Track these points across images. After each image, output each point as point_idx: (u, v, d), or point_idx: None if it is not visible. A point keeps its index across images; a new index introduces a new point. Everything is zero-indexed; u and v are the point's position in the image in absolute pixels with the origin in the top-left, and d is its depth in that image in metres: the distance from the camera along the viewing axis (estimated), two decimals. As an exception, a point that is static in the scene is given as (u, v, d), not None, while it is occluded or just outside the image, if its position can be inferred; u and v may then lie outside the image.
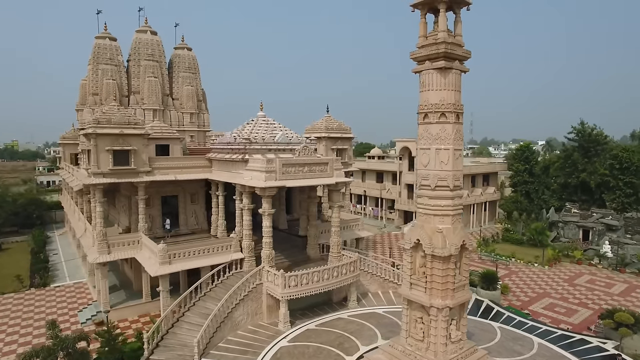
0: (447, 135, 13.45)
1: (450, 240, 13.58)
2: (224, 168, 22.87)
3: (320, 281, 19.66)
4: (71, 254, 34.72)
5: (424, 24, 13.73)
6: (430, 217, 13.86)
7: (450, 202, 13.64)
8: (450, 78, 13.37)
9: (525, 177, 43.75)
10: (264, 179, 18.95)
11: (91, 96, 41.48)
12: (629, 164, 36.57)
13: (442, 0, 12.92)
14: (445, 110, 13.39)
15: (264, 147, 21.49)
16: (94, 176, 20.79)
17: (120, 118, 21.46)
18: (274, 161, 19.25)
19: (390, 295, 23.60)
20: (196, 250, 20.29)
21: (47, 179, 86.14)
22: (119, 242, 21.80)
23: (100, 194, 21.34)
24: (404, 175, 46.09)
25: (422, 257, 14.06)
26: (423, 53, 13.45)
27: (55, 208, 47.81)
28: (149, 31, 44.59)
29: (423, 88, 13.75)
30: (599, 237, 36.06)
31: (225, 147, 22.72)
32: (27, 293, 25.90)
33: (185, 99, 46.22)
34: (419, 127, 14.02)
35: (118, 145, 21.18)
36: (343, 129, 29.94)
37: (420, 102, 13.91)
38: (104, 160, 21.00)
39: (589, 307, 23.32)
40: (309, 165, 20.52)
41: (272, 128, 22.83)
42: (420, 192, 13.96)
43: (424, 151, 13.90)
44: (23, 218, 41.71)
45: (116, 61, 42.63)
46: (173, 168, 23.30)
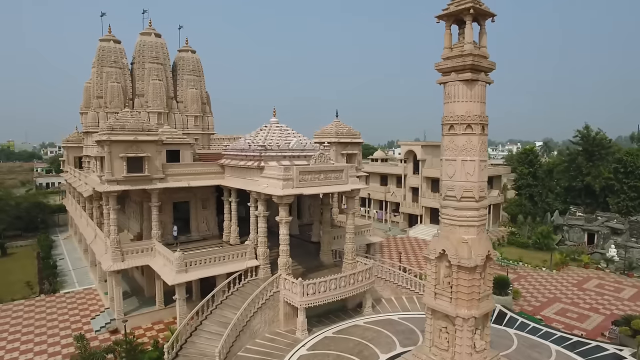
0: (473, 147, 13.51)
1: (475, 251, 13.63)
2: (237, 174, 22.81)
3: (337, 289, 19.69)
4: (78, 258, 34.52)
5: (449, 35, 13.76)
6: (455, 228, 13.91)
7: (476, 213, 13.71)
8: (476, 90, 13.42)
9: (529, 180, 43.97)
10: (281, 187, 18.93)
11: (95, 99, 41.25)
12: (633, 167, 36.87)
13: (468, 13, 12.96)
14: (471, 122, 13.44)
15: (279, 154, 21.47)
16: (108, 183, 20.66)
17: (134, 124, 21.35)
18: (291, 169, 19.23)
19: (403, 301, 23.65)
20: (212, 258, 20.23)
21: (47, 181, 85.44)
22: (133, 250, 21.68)
23: (114, 201, 21.22)
24: (408, 178, 46.19)
25: (447, 267, 14.10)
26: (449, 65, 13.49)
27: (58, 211, 47.50)
28: (153, 34, 44.36)
29: (448, 99, 13.79)
30: (604, 240, 36.33)
31: (238, 153, 22.67)
32: (37, 300, 25.72)
33: (190, 102, 46.04)
34: (444, 138, 14.06)
35: (132, 152, 21.06)
36: (353, 134, 29.97)
37: (445, 113, 13.96)
38: (117, 167, 20.87)
39: (601, 313, 23.49)
40: (324, 173, 20.53)
41: (285, 135, 22.80)
42: (445, 202, 14.01)
43: (449, 162, 13.96)
44: (26, 222, 41.39)
45: (120, 64, 42.40)
46: (186, 174, 23.22)
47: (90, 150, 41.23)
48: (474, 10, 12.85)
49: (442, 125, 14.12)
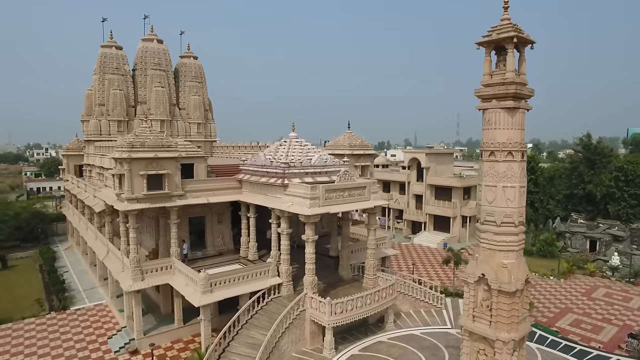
0: (514, 174, 13.68)
1: (515, 275, 13.79)
2: (257, 190, 22.63)
3: (363, 306, 19.72)
4: (83, 271, 33.81)
5: (489, 61, 13.89)
6: (494, 253, 14.05)
7: (515, 238, 13.87)
8: (517, 117, 13.58)
9: (530, 187, 44.62)
10: (308, 206, 18.88)
11: (97, 107, 40.55)
12: (634, 176, 37.78)
13: (511, 41, 13.09)
14: (512, 149, 13.60)
15: (301, 171, 21.38)
16: (128, 202, 20.29)
17: (154, 141, 21.01)
18: (317, 188, 19.18)
19: (422, 315, 23.82)
20: (237, 277, 20.04)
21: (38, 186, 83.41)
22: (152, 268, 21.34)
23: (134, 219, 20.86)
24: (412, 185, 46.49)
25: (486, 291, 14.25)
26: (490, 92, 13.61)
27: (57, 220, 46.47)
28: (155, 40, 43.77)
29: (489, 126, 13.92)
30: (606, 247, 37.15)
31: (258, 169, 22.49)
32: (48, 318, 25.12)
33: (192, 109, 45.57)
34: (484, 164, 14.19)
35: (152, 169, 20.72)
36: (365, 146, 30.00)
37: (484, 139, 14.09)
38: (137, 184, 20.51)
39: (613, 324, 24.00)
40: (348, 190, 20.55)
41: (306, 150, 22.72)
42: (485, 227, 14.14)
43: (489, 188, 14.09)
44: (26, 232, 40.38)
45: (122, 71, 41.76)
46: (205, 190, 22.94)
47: (92, 158, 40.50)
48: (517, 39, 12.99)
49: (481, 150, 14.26)
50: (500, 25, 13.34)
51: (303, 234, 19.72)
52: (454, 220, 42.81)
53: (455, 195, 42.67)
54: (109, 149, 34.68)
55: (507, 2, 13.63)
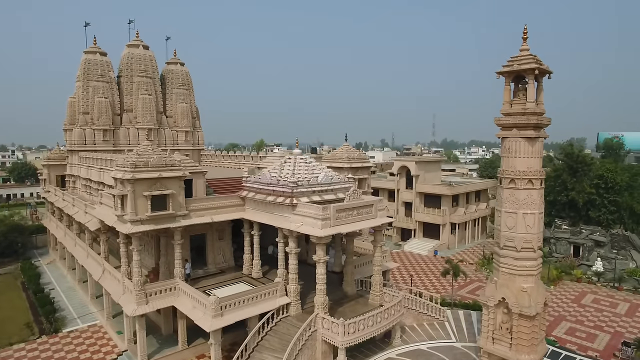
0: (534, 201, 14.06)
1: (534, 299, 14.19)
2: (262, 209, 22.34)
3: (374, 325, 19.79)
4: (70, 288, 32.43)
5: (509, 90, 14.22)
6: (514, 277, 14.42)
7: (535, 263, 14.28)
8: (537, 146, 13.97)
9: (515, 193, 46.00)
10: (320, 227, 18.79)
11: (82, 115, 39.04)
12: (613, 183, 39.57)
13: (531, 72, 13.45)
14: (532, 178, 13.98)
15: (308, 190, 21.23)
16: (132, 224, 19.59)
17: (158, 160, 20.36)
18: (329, 208, 19.12)
19: (426, 328, 24.14)
20: (246, 299, 19.71)
21: (8, 192, 79.29)
22: (156, 291, 20.71)
23: (137, 241, 20.16)
24: (401, 193, 47.04)
25: (505, 314, 14.60)
26: (510, 121, 13.94)
27: (36, 232, 44.38)
28: (141, 45, 42.56)
29: (508, 154, 14.25)
30: (589, 252, 38.77)
31: (264, 187, 22.18)
32: (39, 342, 23.93)
33: (180, 117, 44.53)
34: (503, 191, 14.52)
35: (156, 189, 20.08)
36: (363, 158, 30.14)
37: (503, 167, 14.41)
38: (141, 205, 19.84)
39: (605, 331, 25.07)
40: (357, 209, 20.60)
41: (311, 168, 22.58)
42: (505, 252, 14.48)
43: (509, 214, 14.43)
44: (3, 247, 38.35)
45: (107, 77, 40.36)
46: (208, 209, 22.44)
47: (76, 169, 38.92)
48: (538, 71, 13.35)
49: (500, 177, 14.57)
50: (521, 56, 13.68)
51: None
52: (444, 228, 43.62)
53: (445, 202, 43.47)
54: (97, 161, 33.46)
55: (526, 32, 13.96)
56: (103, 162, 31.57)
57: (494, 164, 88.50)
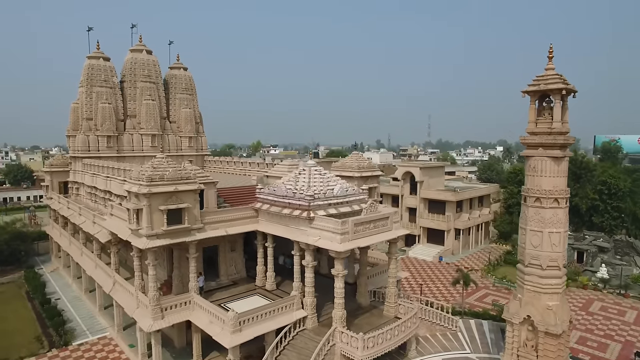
0: (559, 220, 14.11)
1: (560, 317, 14.25)
2: (277, 221, 22.22)
3: (392, 338, 19.79)
4: (76, 298, 32.07)
5: (534, 109, 14.26)
6: (539, 295, 14.47)
7: (560, 281, 14.34)
8: (563, 165, 14.01)
9: (518, 199, 46.24)
10: (339, 241, 18.75)
11: (85, 121, 38.66)
12: (616, 189, 39.95)
13: (557, 92, 13.49)
14: (558, 197, 14.03)
15: (324, 202, 21.15)
16: (148, 238, 19.39)
17: (173, 173, 20.16)
18: (347, 222, 19.07)
19: (440, 339, 24.19)
20: (264, 313, 19.61)
21: (3, 196, 78.19)
22: (171, 305, 20.52)
23: (153, 256, 19.96)
24: (405, 198, 47.11)
25: (530, 331, 14.65)
26: (536, 140, 13.97)
27: (37, 239, 43.83)
28: (144, 50, 42.23)
29: (534, 173, 14.29)
30: (592, 258, 39.09)
31: (279, 199, 22.06)
32: (50, 357, 23.61)
33: (184, 122, 44.23)
34: (529, 209, 14.56)
35: (172, 203, 19.89)
36: (372, 167, 30.05)
37: (528, 185, 14.45)
38: (157, 220, 19.64)
39: (616, 340, 25.27)
40: (374, 222, 20.58)
41: (326, 180, 22.50)
42: (529, 270, 14.52)
43: (534, 233, 14.47)
44: (6, 255, 37.82)
45: (111, 83, 39.99)
46: (223, 221, 22.29)
47: (80, 176, 38.49)
48: (565, 91, 13.39)
49: (524, 195, 14.61)
50: (547, 76, 13.72)
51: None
52: (448, 233, 43.75)
53: (449, 208, 43.60)
54: (103, 169, 33.11)
55: (552, 51, 14.01)
56: (110, 170, 31.25)
57: (492, 166, 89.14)
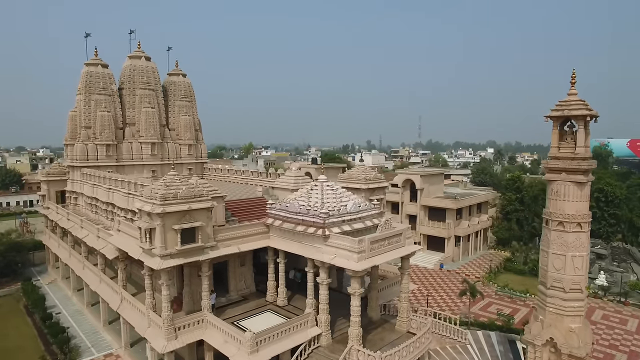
0: (582, 244, 14.29)
1: (582, 340, 14.43)
2: (290, 238, 22.08)
3: (407, 355, 19.79)
4: (77, 312, 31.48)
5: (557, 134, 14.40)
6: (562, 317, 14.63)
7: (583, 304, 14.52)
8: (586, 190, 14.19)
9: (517, 205, 46.93)
10: (356, 260, 18.72)
11: (83, 130, 37.99)
12: (613, 197, 40.70)
13: (581, 119, 13.66)
14: (581, 221, 14.20)
15: (338, 219, 21.08)
16: (162, 258, 19.11)
17: (186, 192, 19.88)
18: (364, 240, 19.04)
19: (450, 352, 24.33)
20: (281, 332, 19.47)
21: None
22: (185, 324, 20.24)
23: (166, 276, 19.67)
24: (405, 205, 47.31)
25: (552, 352, 14.81)
26: (559, 165, 14.12)
27: (33, 249, 42.88)
28: (143, 57, 41.68)
29: (556, 197, 14.44)
30: (591, 265, 39.79)
31: (292, 216, 21.92)
32: (56, 376, 23.16)
33: (183, 130, 43.74)
34: (551, 232, 14.71)
35: (185, 221, 19.62)
36: (379, 179, 30.07)
37: (551, 208, 14.60)
38: (171, 239, 19.35)
39: (620, 350, 25.75)
40: (388, 239, 20.59)
41: (339, 195, 22.46)
42: (552, 292, 14.68)
43: (557, 256, 14.63)
44: (2, 267, 36.92)
45: (110, 90, 39.36)
46: (235, 238, 22.08)
47: (78, 186, 37.73)
48: (590, 118, 13.57)
49: (546, 218, 14.76)
50: (570, 101, 13.87)
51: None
52: (448, 241, 44.07)
53: (449, 215, 43.93)
54: (104, 180, 32.47)
55: (574, 76, 14.16)
56: (112, 182, 30.68)
57: (485, 170, 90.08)
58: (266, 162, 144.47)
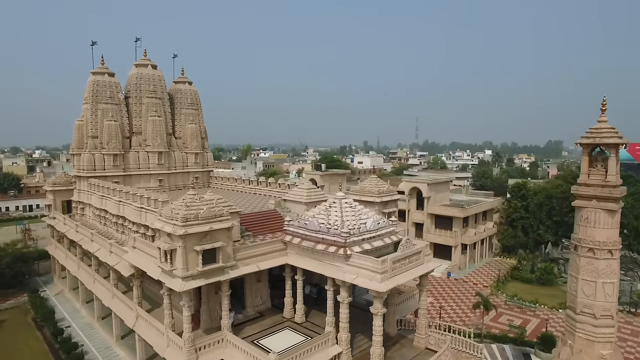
0: (613, 271, 14.36)
1: (612, 366, 14.52)
2: (310, 256, 22.01)
3: (429, 375, 19.81)
4: (87, 325, 31.19)
5: (587, 161, 14.45)
6: (592, 344, 14.69)
7: (613, 330, 14.59)
8: (617, 217, 14.25)
9: (522, 213, 47.17)
10: (379, 280, 18.68)
11: (90, 139, 37.69)
12: (618, 206, 41.00)
13: (613, 147, 13.70)
14: (612, 248, 14.26)
15: (359, 238, 21.04)
16: (184, 280, 18.95)
17: (208, 212, 19.74)
18: (387, 260, 19.03)
19: (466, 368, 24.33)
20: (303, 352, 19.40)
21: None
22: (205, 345, 20.11)
23: (188, 297, 19.52)
24: (411, 214, 47.37)
25: (582, 379, 14.89)
26: (590, 192, 14.18)
27: (38, 258, 42.44)
28: (149, 65, 41.38)
29: (587, 224, 14.49)
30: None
31: (312, 234, 21.84)
32: (73, 396, 22.93)
33: (190, 139, 43.46)
34: (581, 259, 14.77)
35: (207, 242, 19.48)
36: (391, 191, 30.07)
37: (580, 235, 14.65)
38: (192, 260, 19.20)
39: (634, 363, 25.94)
40: (409, 257, 20.59)
41: (358, 213, 22.41)
42: (582, 318, 14.74)
43: (587, 282, 14.69)
44: (8, 278, 36.49)
45: (116, 99, 39.05)
46: (254, 256, 21.96)
47: (85, 196, 37.36)
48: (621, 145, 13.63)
49: (575, 245, 14.81)
50: (601, 129, 13.92)
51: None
52: (455, 249, 44.20)
53: (456, 224, 44.04)
54: (113, 192, 32.15)
55: (605, 104, 14.22)
56: (123, 195, 30.39)
57: (485, 173, 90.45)
58: (265, 164, 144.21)
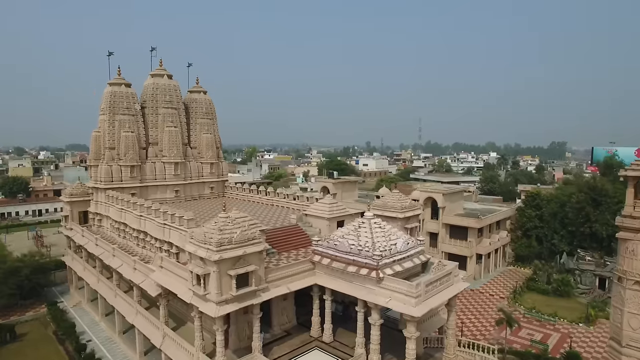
0: (660, 304, 14.35)
1: (658, 399, 14.50)
2: (339, 277, 21.99)
3: (462, 399, 19.79)
4: (108, 339, 31.20)
5: (632, 193, 14.42)
6: (638, 376, 14.69)
7: (658, 363, 14.59)
8: (664, 251, 14.23)
9: (536, 222, 47.11)
10: (413, 304, 18.70)
11: (108, 151, 37.74)
12: (635, 217, 40.96)
13: (661, 181, 13.69)
14: (659, 282, 14.24)
15: (390, 260, 21.01)
16: (219, 305, 18.94)
17: (241, 236, 19.70)
18: (420, 284, 19.03)
19: (491, 386, 24.30)
20: (336, 377, 19.38)
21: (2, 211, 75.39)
22: (237, 367, 20.13)
23: (222, 322, 19.49)
24: (426, 223, 47.30)
25: (626, 411, 14.88)
26: (636, 225, 14.14)
27: (54, 268, 42.43)
28: (165, 75, 41.42)
29: (632, 256, 14.47)
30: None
31: (342, 255, 21.81)
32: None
33: (205, 149, 43.44)
34: (627, 291, 14.74)
35: (240, 266, 19.46)
36: (414, 206, 30.02)
37: (625, 267, 14.63)
38: (225, 285, 19.19)
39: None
40: (440, 279, 20.57)
41: (388, 234, 22.38)
42: (629, 352, 14.71)
43: (633, 315, 14.65)
44: (27, 290, 36.50)
45: (133, 110, 39.09)
46: (284, 278, 21.94)
47: (103, 208, 37.32)
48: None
49: (620, 276, 14.78)
50: (648, 163, 13.90)
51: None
52: (470, 259, 44.15)
53: (471, 234, 44.00)
54: (134, 205, 32.11)
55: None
56: (144, 209, 30.36)
57: (493, 178, 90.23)
58: (270, 166, 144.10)
